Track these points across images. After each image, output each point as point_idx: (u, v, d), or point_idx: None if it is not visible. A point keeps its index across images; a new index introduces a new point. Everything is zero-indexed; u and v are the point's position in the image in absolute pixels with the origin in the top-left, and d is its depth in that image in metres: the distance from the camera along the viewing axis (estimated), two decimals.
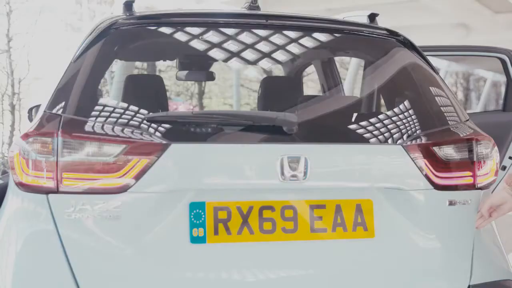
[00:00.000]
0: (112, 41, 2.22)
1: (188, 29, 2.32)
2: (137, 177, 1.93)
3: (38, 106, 2.66)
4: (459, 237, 2.19)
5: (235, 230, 2.00)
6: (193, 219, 1.98)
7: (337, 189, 2.11)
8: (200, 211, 1.99)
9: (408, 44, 2.49)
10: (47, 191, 1.93)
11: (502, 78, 4.66)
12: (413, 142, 2.17)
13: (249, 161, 2.03)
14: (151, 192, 1.95)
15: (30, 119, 3.38)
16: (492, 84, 18.15)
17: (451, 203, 2.17)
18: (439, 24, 15.55)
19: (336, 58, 4.58)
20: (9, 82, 24.77)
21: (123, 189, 1.93)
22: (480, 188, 2.24)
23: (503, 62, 4.28)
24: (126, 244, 1.93)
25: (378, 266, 2.09)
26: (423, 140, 2.18)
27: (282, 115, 2.10)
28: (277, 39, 2.38)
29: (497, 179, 2.32)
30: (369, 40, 2.51)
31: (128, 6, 2.30)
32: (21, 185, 1.98)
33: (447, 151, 2.19)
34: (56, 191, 1.92)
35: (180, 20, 2.36)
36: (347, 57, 5.72)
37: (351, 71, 8.17)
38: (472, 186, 2.21)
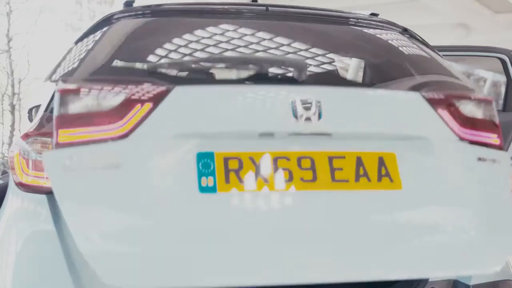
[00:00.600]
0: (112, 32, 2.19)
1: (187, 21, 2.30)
2: (139, 123, 1.80)
3: (38, 106, 2.67)
4: (493, 195, 2.05)
5: (249, 179, 1.84)
6: (201, 168, 1.82)
7: (356, 139, 1.97)
8: (209, 160, 1.84)
9: (409, 33, 2.49)
10: (47, 191, 1.92)
11: (502, 78, 4.66)
12: (433, 92, 2.06)
13: (258, 103, 1.90)
14: (153, 138, 1.81)
15: (30, 119, 3.39)
16: (492, 84, 18.15)
17: (480, 159, 2.05)
18: (439, 24, 15.54)
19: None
20: (9, 82, 24.84)
21: (124, 135, 1.80)
22: None
23: (503, 62, 4.28)
24: (128, 195, 1.77)
25: (408, 218, 1.94)
26: (443, 92, 2.08)
27: (291, 58, 2.02)
28: (279, 29, 2.36)
29: None
30: (371, 30, 2.49)
31: (128, 6, 2.30)
32: (21, 185, 1.98)
33: (470, 108, 2.10)
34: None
35: (178, 8, 2.35)
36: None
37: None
38: (499, 147, 2.11)
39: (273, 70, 2.02)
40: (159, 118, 1.82)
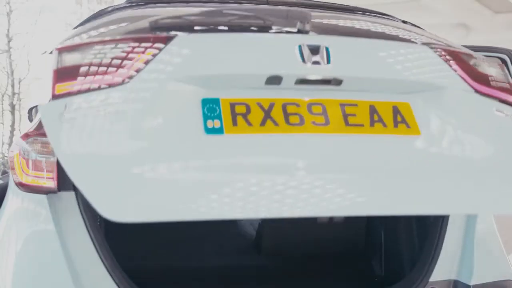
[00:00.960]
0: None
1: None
2: (140, 69, 1.76)
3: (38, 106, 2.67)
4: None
5: (257, 122, 1.78)
6: (206, 112, 1.77)
7: (367, 91, 1.92)
8: (215, 105, 1.78)
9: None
10: (47, 192, 1.93)
11: None
12: (440, 45, 2.05)
13: (265, 49, 1.85)
14: (155, 84, 1.77)
15: (30, 119, 3.39)
16: None
17: (498, 111, 2.02)
18: (439, 24, 15.55)
19: None
20: (9, 82, 24.85)
21: (125, 81, 1.74)
22: None
23: (503, 62, 4.28)
24: (129, 139, 1.72)
25: (428, 160, 1.89)
26: (450, 47, 2.07)
27: (297, 10, 2.02)
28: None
29: None
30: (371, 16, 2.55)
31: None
32: (21, 185, 1.98)
33: (481, 65, 2.08)
34: (57, 190, 1.91)
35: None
36: None
37: None
38: None
39: (279, 21, 2.01)
40: (161, 65, 1.77)
